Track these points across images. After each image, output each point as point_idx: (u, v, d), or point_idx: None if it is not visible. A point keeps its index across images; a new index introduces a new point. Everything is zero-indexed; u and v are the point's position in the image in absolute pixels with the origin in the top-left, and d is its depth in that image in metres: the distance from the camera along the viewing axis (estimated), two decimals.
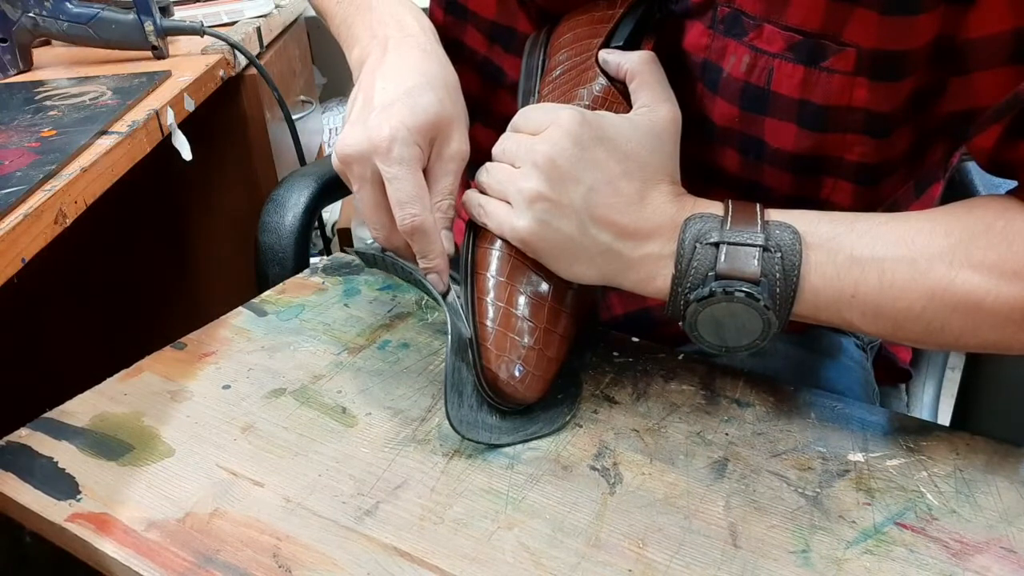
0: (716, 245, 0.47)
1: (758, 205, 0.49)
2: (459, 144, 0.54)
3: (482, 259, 0.54)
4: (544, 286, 0.53)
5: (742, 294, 0.46)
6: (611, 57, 0.55)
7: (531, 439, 0.50)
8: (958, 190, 0.78)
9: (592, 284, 0.52)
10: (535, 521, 0.44)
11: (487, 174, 0.53)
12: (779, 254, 0.46)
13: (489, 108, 0.69)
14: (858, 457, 0.49)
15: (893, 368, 0.76)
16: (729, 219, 0.48)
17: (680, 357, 0.58)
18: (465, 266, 0.55)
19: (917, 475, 0.47)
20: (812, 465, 0.48)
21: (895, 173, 0.54)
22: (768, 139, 0.53)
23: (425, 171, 0.53)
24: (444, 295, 0.54)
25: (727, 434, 0.51)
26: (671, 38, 0.56)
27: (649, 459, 0.49)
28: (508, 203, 0.51)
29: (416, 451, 0.49)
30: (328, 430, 0.51)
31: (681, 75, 0.55)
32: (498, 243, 0.54)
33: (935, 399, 0.80)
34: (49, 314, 1.08)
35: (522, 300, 0.52)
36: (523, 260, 0.53)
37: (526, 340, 0.51)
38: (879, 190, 0.55)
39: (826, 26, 0.47)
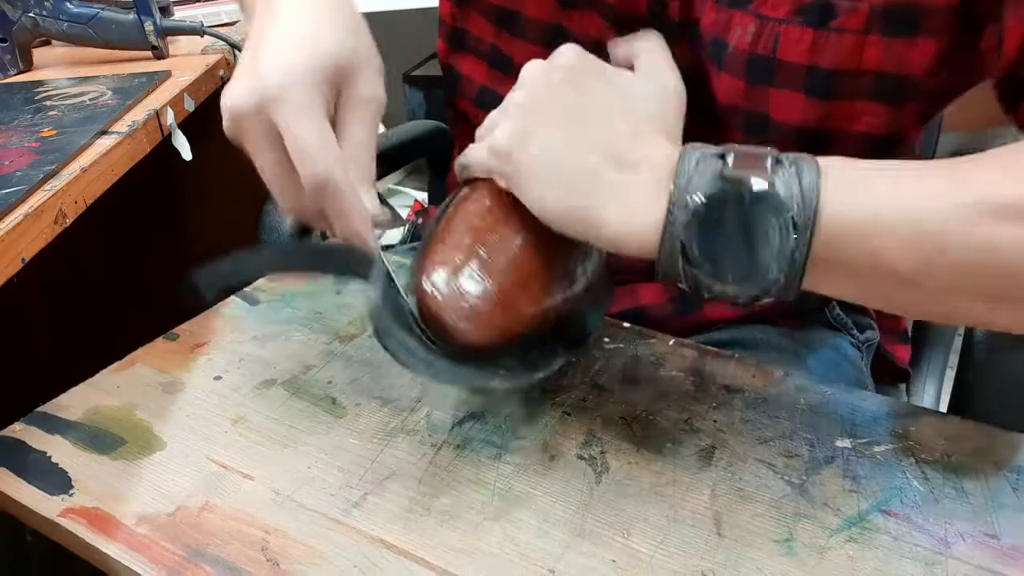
0: (722, 156, 0.40)
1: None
2: (370, 87, 0.48)
3: (455, 212, 0.50)
4: (518, 239, 0.48)
5: (754, 189, 0.39)
6: (619, 50, 0.53)
7: (475, 385, 0.47)
8: None
9: (562, 229, 0.44)
10: (521, 512, 0.45)
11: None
12: (794, 168, 0.39)
13: (498, 99, 0.68)
14: (845, 443, 0.49)
15: (892, 368, 0.75)
16: (737, 145, 0.42)
17: (671, 343, 0.58)
18: (435, 222, 0.50)
19: (904, 461, 0.47)
20: (799, 452, 0.48)
21: (899, 147, 0.53)
22: (773, 113, 0.52)
23: (333, 123, 0.47)
24: (378, 269, 0.47)
25: (715, 421, 0.51)
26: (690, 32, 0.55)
27: (636, 447, 0.49)
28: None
29: (404, 442, 0.50)
30: (318, 421, 0.52)
31: (691, 59, 0.54)
32: (477, 199, 0.49)
33: (935, 400, 0.80)
34: (49, 314, 1.09)
35: (493, 241, 0.48)
36: (502, 212, 0.48)
37: (477, 275, 0.47)
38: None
39: None
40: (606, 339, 0.59)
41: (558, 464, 0.48)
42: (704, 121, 0.55)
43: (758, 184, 0.39)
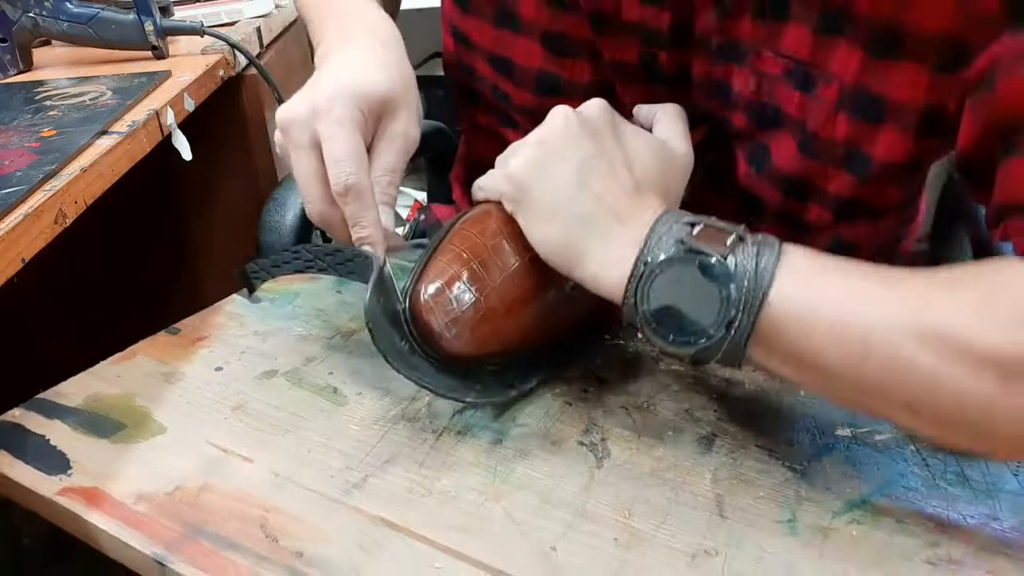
0: (692, 224, 0.44)
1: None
2: (406, 125, 0.54)
3: (461, 227, 0.52)
4: (515, 263, 0.50)
5: (704, 258, 0.41)
6: (642, 113, 0.56)
7: (451, 396, 0.49)
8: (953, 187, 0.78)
9: (551, 262, 0.48)
10: (522, 493, 0.45)
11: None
12: (755, 248, 0.42)
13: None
14: (846, 432, 0.49)
15: None
16: (712, 217, 0.45)
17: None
18: (441, 233, 0.52)
19: (905, 449, 0.47)
20: (800, 440, 0.48)
21: (876, 219, 0.56)
22: (773, 151, 0.54)
23: (369, 149, 0.52)
24: (379, 270, 0.50)
25: (715, 411, 0.51)
26: (682, 78, 0.57)
27: (637, 435, 0.49)
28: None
29: (405, 428, 0.50)
30: (319, 409, 0.52)
31: (696, 98, 0.56)
32: (484, 219, 0.52)
33: None
34: (49, 314, 1.08)
35: (490, 260, 0.50)
36: (505, 235, 0.50)
37: (470, 290, 0.49)
38: (856, 228, 0.56)
39: (815, 56, 0.48)
40: (607, 336, 0.59)
41: (559, 450, 0.48)
42: (716, 142, 0.57)
43: (711, 256, 0.41)
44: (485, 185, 0.53)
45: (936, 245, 0.75)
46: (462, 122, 0.78)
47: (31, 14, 0.93)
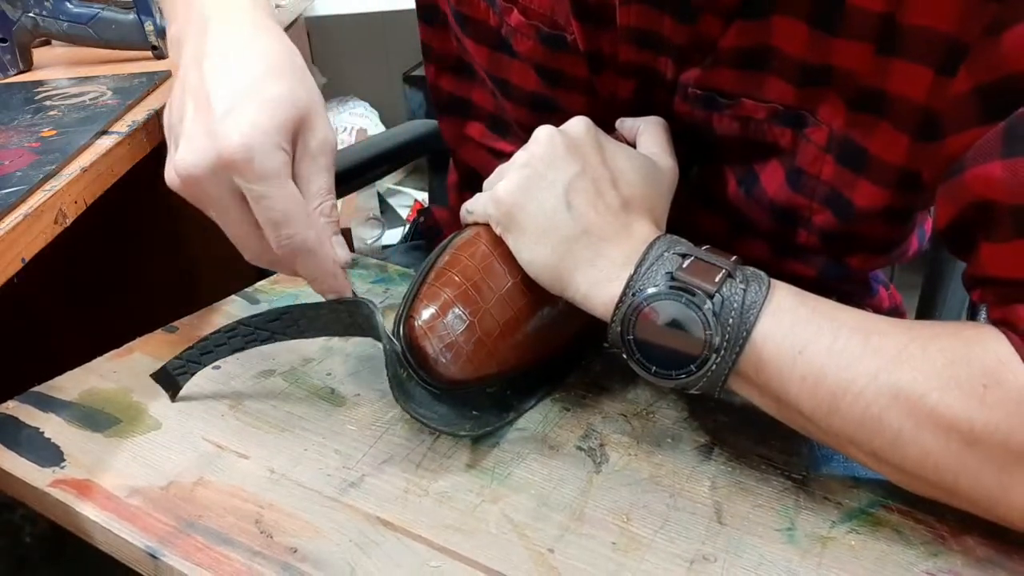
0: (683, 255, 0.44)
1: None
2: (324, 132, 0.48)
3: (452, 251, 0.52)
4: (508, 284, 0.50)
5: (690, 296, 0.42)
6: (625, 126, 0.56)
7: (446, 431, 0.48)
8: None
9: (541, 282, 0.48)
10: (520, 496, 0.44)
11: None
12: (744, 286, 0.43)
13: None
14: None
15: None
16: (705, 248, 0.46)
17: None
18: (433, 257, 0.52)
19: None
20: (799, 451, 0.48)
21: (868, 250, 0.56)
22: (762, 178, 0.54)
23: (293, 174, 0.46)
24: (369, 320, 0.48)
25: (715, 420, 0.51)
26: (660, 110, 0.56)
27: (636, 441, 0.49)
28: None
29: (403, 429, 0.49)
30: (316, 409, 0.51)
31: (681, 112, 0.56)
32: (474, 242, 0.51)
33: None
34: (48, 315, 1.08)
35: (483, 283, 0.50)
36: (496, 257, 0.50)
37: (464, 315, 0.49)
38: (848, 255, 0.57)
39: (802, 103, 0.48)
40: (605, 344, 0.59)
41: (558, 454, 0.48)
42: (705, 159, 0.57)
43: (698, 295, 0.42)
44: (474, 209, 0.53)
45: (937, 245, 0.74)
46: (448, 137, 0.75)
47: (31, 14, 0.92)
